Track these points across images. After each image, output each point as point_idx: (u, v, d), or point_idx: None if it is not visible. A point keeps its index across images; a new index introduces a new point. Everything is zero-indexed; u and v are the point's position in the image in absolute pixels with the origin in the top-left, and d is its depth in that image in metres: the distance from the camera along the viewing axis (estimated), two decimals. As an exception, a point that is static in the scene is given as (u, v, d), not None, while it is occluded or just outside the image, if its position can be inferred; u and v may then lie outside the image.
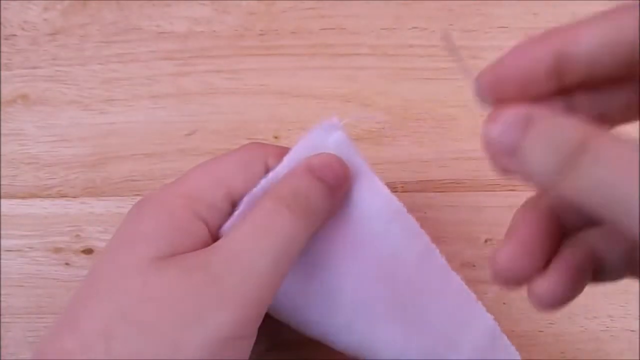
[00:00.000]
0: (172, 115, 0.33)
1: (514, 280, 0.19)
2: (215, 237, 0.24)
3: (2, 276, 0.32)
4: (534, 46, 0.18)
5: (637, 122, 0.19)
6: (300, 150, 0.25)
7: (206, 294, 0.21)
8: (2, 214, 0.33)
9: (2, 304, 0.32)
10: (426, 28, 0.34)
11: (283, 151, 0.25)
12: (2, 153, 0.33)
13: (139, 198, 0.24)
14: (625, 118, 0.19)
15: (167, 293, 0.21)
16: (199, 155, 0.33)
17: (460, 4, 0.34)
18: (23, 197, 0.33)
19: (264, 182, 0.24)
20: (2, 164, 0.33)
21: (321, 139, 0.25)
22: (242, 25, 0.34)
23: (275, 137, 0.33)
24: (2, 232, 0.32)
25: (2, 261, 0.32)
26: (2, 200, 0.33)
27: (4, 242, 0.32)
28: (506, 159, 0.17)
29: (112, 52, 0.34)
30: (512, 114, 0.17)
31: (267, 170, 0.25)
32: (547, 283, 0.19)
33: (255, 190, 0.24)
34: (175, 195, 0.23)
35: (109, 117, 0.34)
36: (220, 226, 0.24)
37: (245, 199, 0.24)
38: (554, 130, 0.17)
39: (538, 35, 0.18)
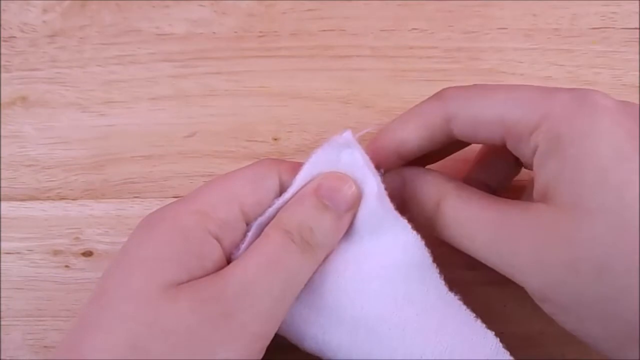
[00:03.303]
0: (171, 117, 0.33)
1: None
2: (228, 255, 0.23)
3: (1, 279, 0.32)
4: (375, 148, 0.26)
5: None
6: (312, 168, 0.25)
7: (218, 329, 0.21)
8: (1, 216, 0.33)
9: (2, 306, 0.32)
10: (426, 29, 0.34)
11: (296, 166, 0.25)
12: (1, 155, 0.33)
13: (138, 200, 0.24)
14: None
15: (179, 325, 0.20)
16: (198, 157, 0.33)
17: (459, 5, 0.34)
18: (22, 200, 0.33)
19: (276, 205, 0.24)
20: (1, 166, 0.33)
21: (333, 154, 0.25)
22: (242, 26, 0.34)
23: (275, 139, 0.33)
24: (1, 234, 0.32)
25: (1, 264, 0.32)
26: (2, 202, 0.33)
27: (4, 245, 0.32)
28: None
29: (112, 54, 0.34)
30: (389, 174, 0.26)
31: (281, 184, 0.25)
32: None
33: (268, 212, 0.24)
34: (188, 212, 0.23)
35: (108, 119, 0.34)
36: (233, 243, 0.24)
37: (257, 222, 0.24)
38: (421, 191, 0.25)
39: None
